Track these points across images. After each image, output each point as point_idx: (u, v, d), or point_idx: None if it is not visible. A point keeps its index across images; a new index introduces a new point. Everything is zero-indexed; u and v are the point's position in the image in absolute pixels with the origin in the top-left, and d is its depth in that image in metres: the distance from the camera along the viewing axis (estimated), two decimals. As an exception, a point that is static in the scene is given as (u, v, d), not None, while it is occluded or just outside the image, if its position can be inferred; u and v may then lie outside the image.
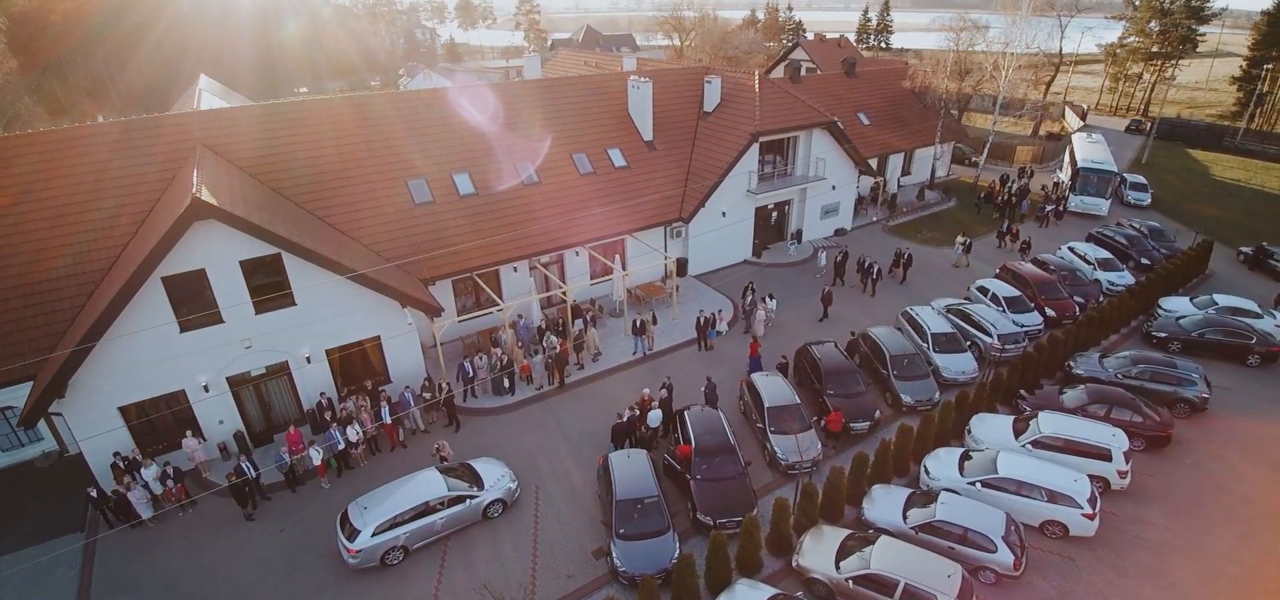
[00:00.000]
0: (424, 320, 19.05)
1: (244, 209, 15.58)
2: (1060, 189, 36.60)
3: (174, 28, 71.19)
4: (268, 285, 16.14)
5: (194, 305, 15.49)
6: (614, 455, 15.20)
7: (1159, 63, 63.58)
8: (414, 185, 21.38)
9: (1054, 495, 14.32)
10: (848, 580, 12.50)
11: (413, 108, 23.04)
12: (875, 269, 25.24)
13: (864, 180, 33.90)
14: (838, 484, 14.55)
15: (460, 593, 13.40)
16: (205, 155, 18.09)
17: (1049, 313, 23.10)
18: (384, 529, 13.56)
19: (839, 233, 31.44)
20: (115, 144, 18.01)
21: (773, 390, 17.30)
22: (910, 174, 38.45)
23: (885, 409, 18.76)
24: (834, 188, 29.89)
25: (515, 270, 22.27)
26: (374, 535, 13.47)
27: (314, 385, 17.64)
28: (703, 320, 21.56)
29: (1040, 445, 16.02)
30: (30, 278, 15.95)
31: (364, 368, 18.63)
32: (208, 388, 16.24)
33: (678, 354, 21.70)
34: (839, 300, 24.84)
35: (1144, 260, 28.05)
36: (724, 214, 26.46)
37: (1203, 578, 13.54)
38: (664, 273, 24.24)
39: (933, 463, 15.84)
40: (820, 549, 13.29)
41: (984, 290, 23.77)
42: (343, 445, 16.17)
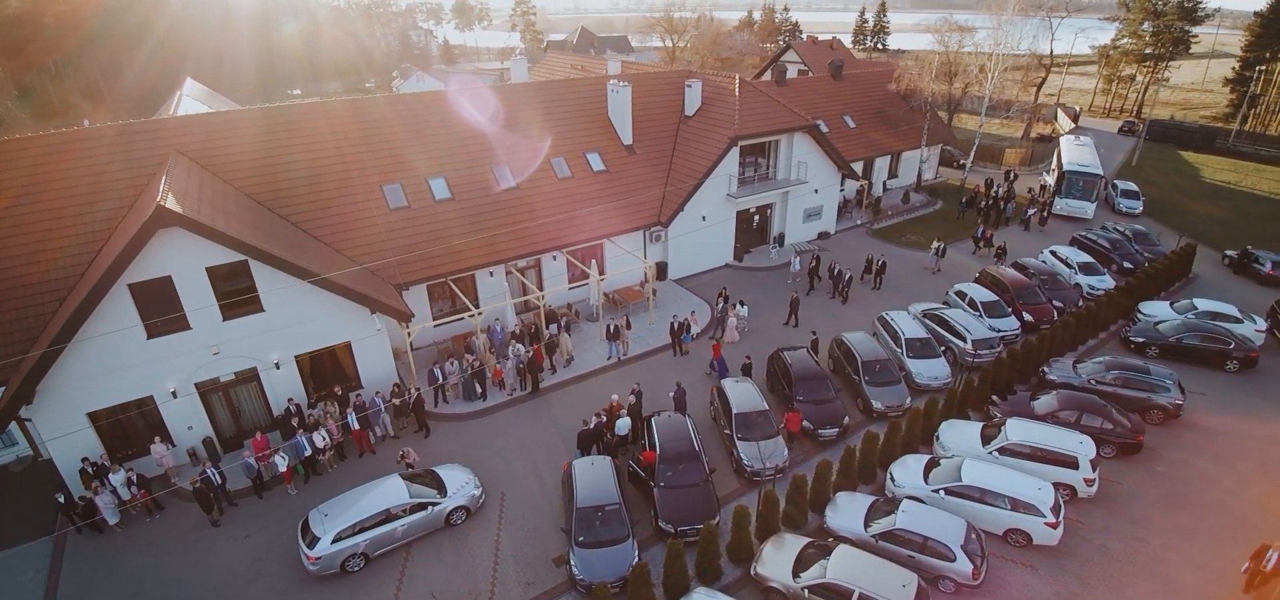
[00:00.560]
0: (398, 325, 19.08)
1: (211, 216, 15.63)
2: (1047, 192, 36.49)
3: (173, 32, 71.44)
4: (235, 291, 16.18)
5: (161, 312, 15.52)
6: (578, 462, 15.21)
7: (1152, 64, 63.42)
8: (389, 190, 21.42)
9: (1017, 503, 14.28)
10: (804, 589, 12.49)
11: (389, 112, 23.08)
12: (846, 276, 25.15)
13: (849, 184, 33.89)
14: (801, 491, 14.54)
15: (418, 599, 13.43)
16: (177, 161, 18.14)
17: (1027, 317, 23.04)
18: (344, 536, 13.60)
19: (822, 236, 31.41)
20: (92, 150, 18.06)
21: (742, 396, 17.29)
22: (897, 177, 38.41)
23: (856, 415, 18.74)
24: (816, 191, 29.86)
25: (491, 275, 22.30)
26: (334, 542, 13.50)
27: (284, 390, 17.67)
28: (677, 325, 21.57)
29: (1007, 452, 15.98)
30: (1, 284, 16.01)
31: (335, 373, 18.66)
32: (176, 394, 16.28)
33: (653, 359, 21.70)
34: (812, 306, 24.83)
35: (1126, 264, 27.97)
36: (704, 218, 26.46)
37: (1162, 590, 13.48)
38: (642, 277, 24.25)
39: (899, 470, 15.82)
40: (779, 557, 13.28)
41: (962, 295, 23.74)
42: (309, 452, 16.20)
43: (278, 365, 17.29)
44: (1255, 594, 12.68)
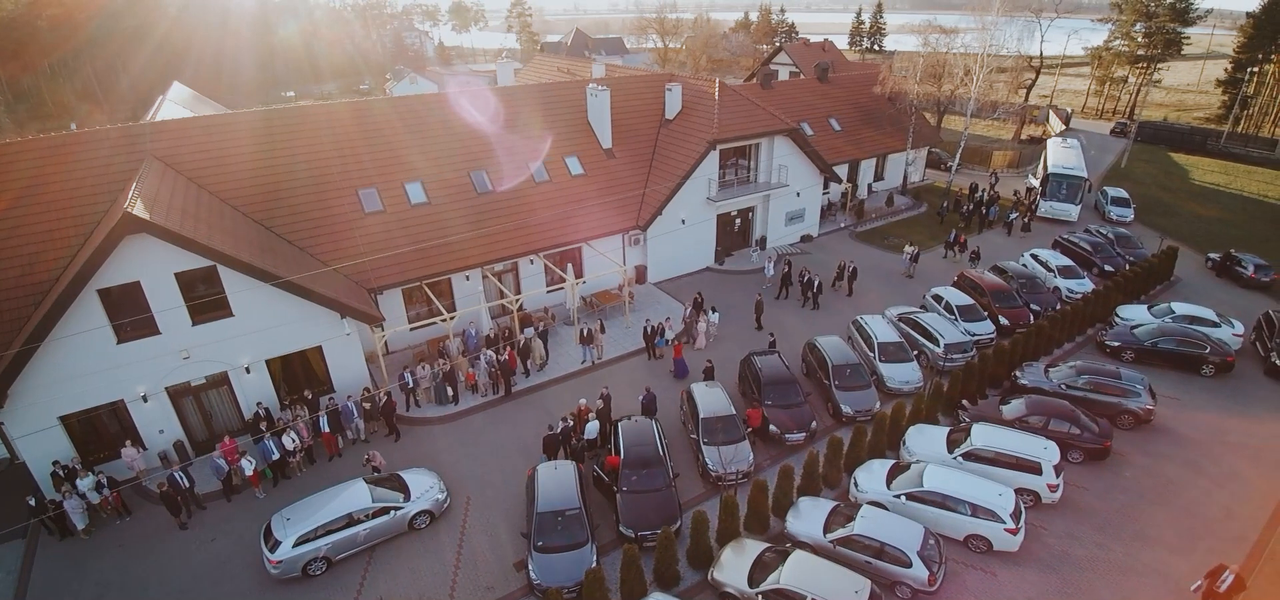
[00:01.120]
0: (370, 330, 19.18)
1: (181, 222, 15.75)
2: (1032, 195, 36.42)
3: (171, 35, 71.76)
4: (204, 296, 16.31)
5: (130, 317, 15.66)
6: (542, 467, 15.28)
7: (1144, 66, 63.30)
8: (364, 194, 21.53)
9: (978, 509, 14.32)
10: (758, 595, 12.54)
11: (367, 117, 23.18)
12: (816, 283, 25.15)
13: (834, 187, 33.89)
14: (762, 496, 14.59)
15: (379, 604, 13.53)
16: (151, 166, 18.27)
17: (1002, 321, 23.05)
18: (305, 540, 13.70)
19: (805, 239, 31.45)
20: (70, 155, 18.12)
21: (710, 401, 17.35)
22: (883, 179, 38.41)
23: (826, 420, 18.78)
24: (799, 194, 29.90)
25: (467, 278, 22.39)
26: (295, 546, 13.61)
27: (255, 394, 17.78)
28: (650, 329, 21.64)
29: (972, 457, 16.02)
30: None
31: (307, 376, 18.77)
32: (147, 398, 16.41)
33: (627, 363, 21.77)
34: (785, 312, 24.86)
35: (1107, 267, 27.93)
36: (684, 221, 26.52)
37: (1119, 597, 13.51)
38: (620, 281, 24.32)
39: (863, 475, 15.87)
40: (737, 563, 13.32)
41: (939, 298, 23.76)
42: (277, 455, 16.30)
43: (248, 369, 17.40)
44: None
